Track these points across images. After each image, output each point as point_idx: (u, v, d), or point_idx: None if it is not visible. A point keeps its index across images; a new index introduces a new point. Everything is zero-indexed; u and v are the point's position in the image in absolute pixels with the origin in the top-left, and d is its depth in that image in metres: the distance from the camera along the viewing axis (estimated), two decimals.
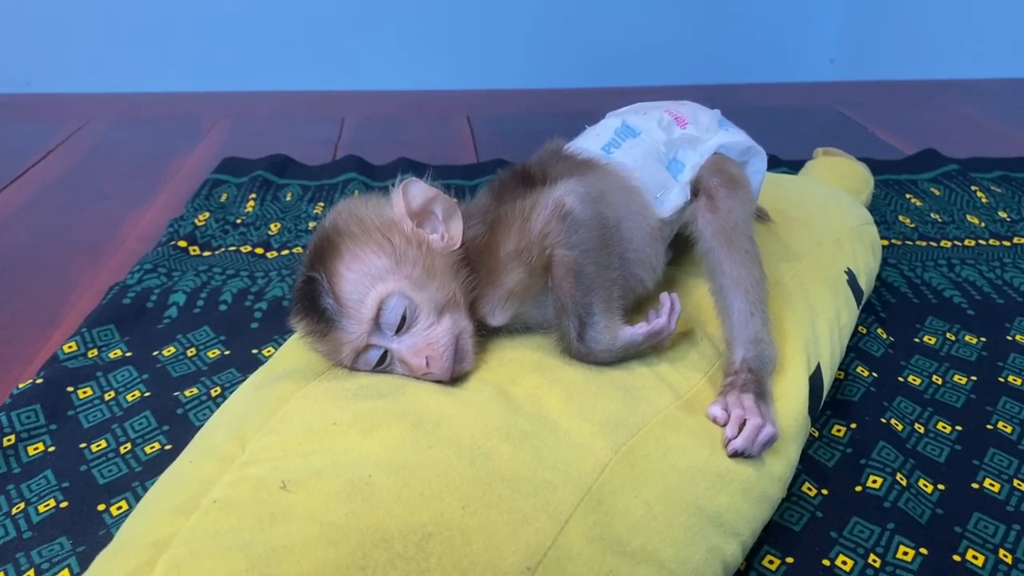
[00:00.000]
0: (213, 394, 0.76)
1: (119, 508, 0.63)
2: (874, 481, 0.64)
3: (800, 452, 0.63)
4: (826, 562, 0.58)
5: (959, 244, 1.08)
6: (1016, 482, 0.66)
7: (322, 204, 1.24)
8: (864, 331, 0.86)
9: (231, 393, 0.65)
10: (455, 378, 0.58)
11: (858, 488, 0.64)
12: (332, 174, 1.36)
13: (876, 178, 1.23)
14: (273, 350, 0.84)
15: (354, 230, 0.58)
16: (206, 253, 1.07)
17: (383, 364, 0.59)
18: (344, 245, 0.57)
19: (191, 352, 0.84)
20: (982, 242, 1.09)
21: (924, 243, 1.09)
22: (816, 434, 0.70)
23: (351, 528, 0.44)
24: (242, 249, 1.08)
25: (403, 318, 0.57)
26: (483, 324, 0.62)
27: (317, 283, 0.57)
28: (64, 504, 0.63)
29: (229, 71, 2.11)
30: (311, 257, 0.59)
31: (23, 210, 1.27)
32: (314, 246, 0.59)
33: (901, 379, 0.79)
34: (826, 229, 0.87)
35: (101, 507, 0.63)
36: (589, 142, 0.73)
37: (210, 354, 0.84)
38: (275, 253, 1.08)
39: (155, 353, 0.83)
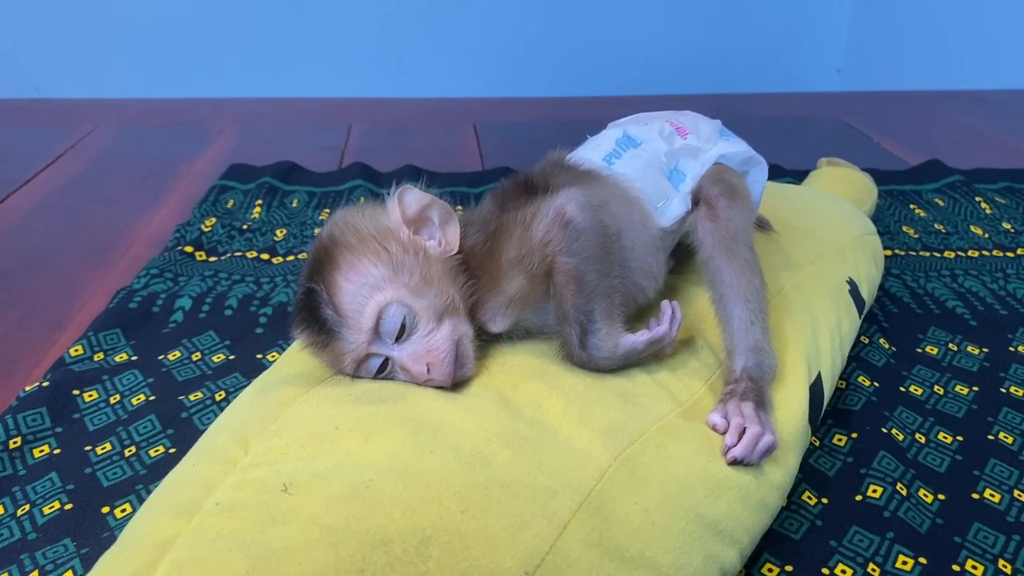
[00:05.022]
0: (217, 398, 0.77)
1: (123, 511, 0.64)
2: (874, 490, 0.64)
3: (800, 461, 0.63)
4: (825, 571, 0.58)
5: (962, 255, 1.08)
6: (1016, 493, 0.66)
7: (328, 210, 1.25)
8: (866, 341, 0.86)
9: (235, 397, 0.66)
10: (456, 384, 0.58)
11: (858, 497, 0.64)
12: (338, 181, 1.37)
13: (880, 188, 1.23)
14: (277, 355, 0.84)
15: (351, 240, 0.59)
16: (212, 258, 1.08)
17: (384, 372, 0.59)
18: (341, 256, 0.58)
19: (196, 356, 0.84)
20: (986, 253, 1.09)
21: (927, 253, 1.09)
22: (817, 443, 0.70)
23: (351, 531, 0.45)
24: (248, 255, 1.09)
25: (403, 326, 0.57)
26: (484, 330, 0.62)
27: (316, 295, 0.57)
28: (69, 506, 0.64)
29: (237, 77, 2.12)
30: (310, 269, 0.59)
31: (32, 214, 1.29)
32: (312, 257, 0.60)
33: (902, 389, 0.79)
34: (828, 238, 0.87)
35: (105, 509, 0.64)
36: (590, 152, 0.73)
37: (215, 359, 0.84)
38: (281, 259, 1.08)
39: (160, 357, 0.84)
